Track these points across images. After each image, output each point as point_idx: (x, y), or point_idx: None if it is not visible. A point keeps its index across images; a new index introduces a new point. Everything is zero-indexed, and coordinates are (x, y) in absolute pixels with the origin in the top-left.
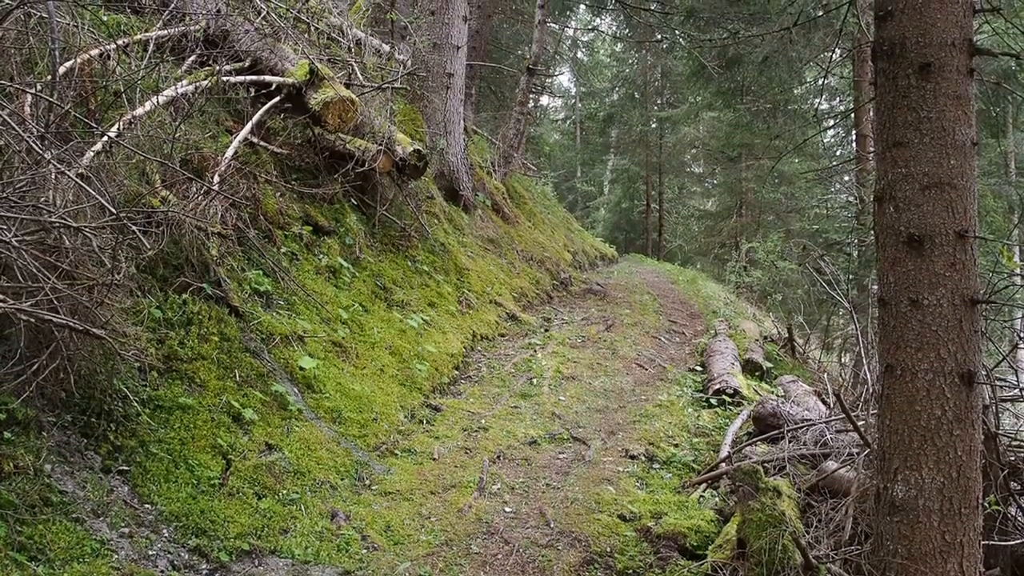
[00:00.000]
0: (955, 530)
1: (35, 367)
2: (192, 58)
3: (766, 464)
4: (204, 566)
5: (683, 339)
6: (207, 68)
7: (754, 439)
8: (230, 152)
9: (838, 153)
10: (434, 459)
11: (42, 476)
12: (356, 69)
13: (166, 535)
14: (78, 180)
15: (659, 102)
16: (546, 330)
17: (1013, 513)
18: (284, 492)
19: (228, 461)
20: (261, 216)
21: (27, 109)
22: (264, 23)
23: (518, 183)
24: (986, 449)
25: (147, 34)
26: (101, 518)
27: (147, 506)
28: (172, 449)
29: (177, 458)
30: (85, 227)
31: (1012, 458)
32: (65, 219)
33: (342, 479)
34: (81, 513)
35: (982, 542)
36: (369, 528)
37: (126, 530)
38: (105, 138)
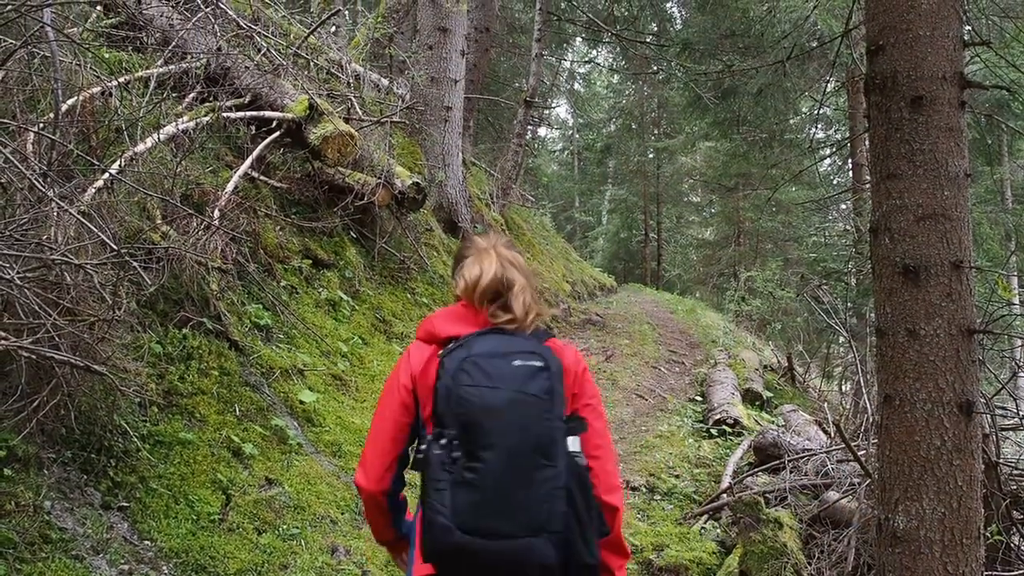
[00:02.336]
0: (957, 561)
1: (36, 404)
2: (193, 95)
3: (767, 495)
4: None
5: (683, 369)
6: (208, 104)
7: (755, 469)
8: (230, 187)
9: (835, 182)
10: None
11: (42, 513)
12: (355, 103)
13: (166, 572)
14: (80, 217)
15: (656, 132)
16: None
17: (1016, 543)
18: (284, 527)
19: (228, 496)
20: (261, 250)
21: (30, 147)
22: (264, 60)
23: (516, 214)
24: (987, 479)
25: (148, 71)
26: (101, 555)
27: (147, 543)
28: (172, 485)
29: (177, 494)
30: (86, 264)
31: (1014, 487)
32: (67, 256)
33: (342, 513)
34: (81, 550)
35: (985, 573)
36: (370, 563)
37: (126, 567)
38: (107, 175)
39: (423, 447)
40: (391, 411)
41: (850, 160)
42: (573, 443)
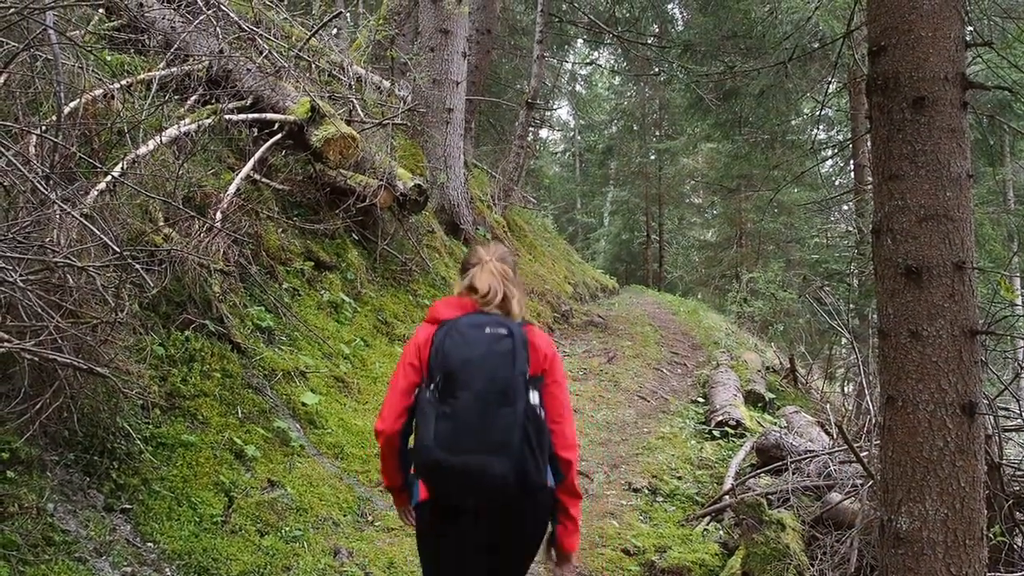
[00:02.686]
0: (960, 562)
1: (38, 406)
2: (195, 97)
3: (770, 496)
4: None
5: (685, 370)
6: (209, 107)
7: (757, 471)
8: (232, 189)
9: (837, 183)
10: None
11: (45, 515)
12: (357, 106)
13: (168, 574)
14: (82, 219)
15: (658, 134)
16: None
17: (1019, 544)
18: (286, 529)
19: (230, 498)
20: (263, 252)
21: (32, 149)
22: (266, 62)
23: (518, 216)
24: (990, 480)
25: (150, 74)
26: (104, 557)
27: (149, 545)
28: (175, 487)
29: (180, 496)
30: (89, 266)
31: (1016, 488)
32: (69, 258)
33: (345, 515)
34: (84, 553)
35: (988, 574)
36: (372, 565)
37: (129, 569)
38: (109, 177)
39: (417, 394)
40: (403, 371)
41: (852, 161)
42: (534, 397)
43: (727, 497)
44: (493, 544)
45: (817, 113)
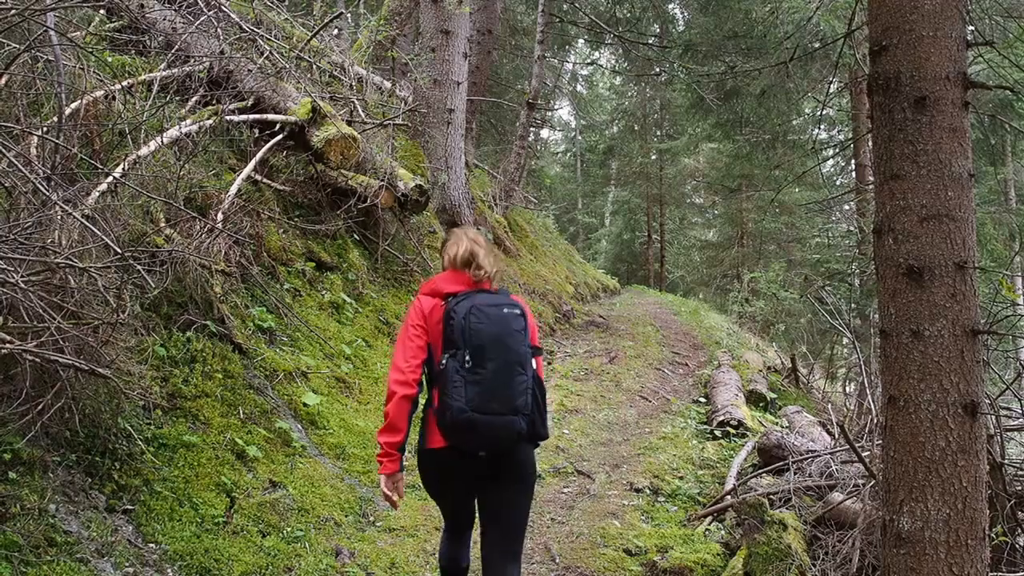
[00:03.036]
0: (962, 562)
1: (40, 407)
2: (196, 98)
3: (771, 496)
4: None
5: (686, 370)
6: (211, 107)
7: (759, 471)
8: (233, 190)
9: (838, 183)
10: None
11: (47, 516)
12: (358, 106)
13: (170, 574)
14: (84, 220)
15: (659, 134)
16: (549, 363)
17: (1021, 544)
18: (288, 529)
19: (232, 499)
20: (264, 253)
21: (33, 151)
22: (267, 63)
23: (519, 216)
24: (992, 479)
25: (151, 75)
26: (105, 558)
27: (151, 545)
28: (176, 487)
29: (181, 496)
30: (90, 267)
31: (1019, 487)
32: (71, 259)
33: (346, 516)
34: (85, 553)
35: (990, 574)
36: (373, 565)
37: (130, 570)
38: (110, 178)
39: (442, 362)
40: (413, 333)
41: (853, 161)
42: (534, 363)
43: (729, 497)
44: (494, 475)
45: (818, 113)
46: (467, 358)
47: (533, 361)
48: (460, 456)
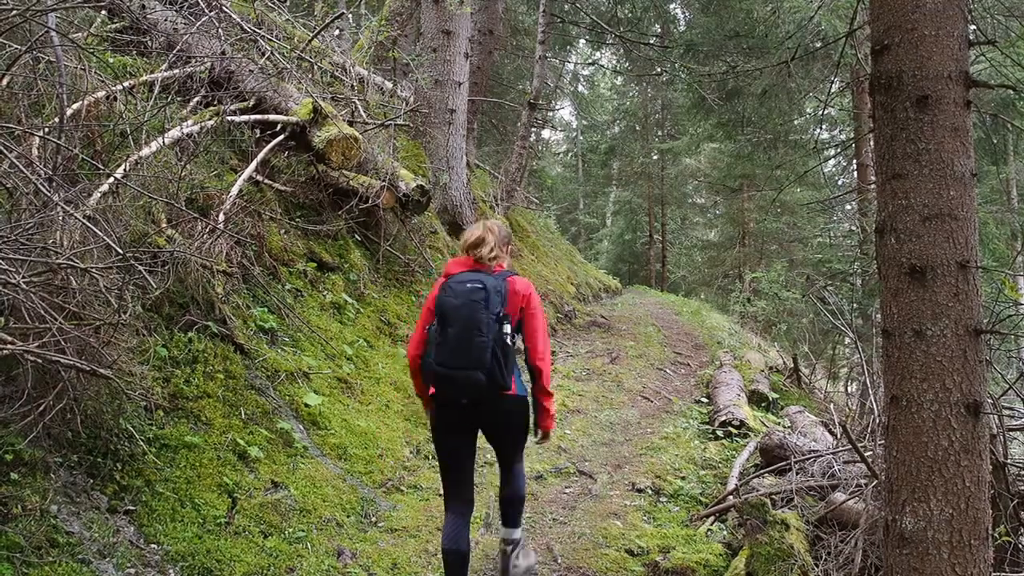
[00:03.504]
0: (965, 562)
1: (42, 408)
2: (197, 98)
3: (774, 496)
4: None
5: (688, 371)
6: (212, 108)
7: (761, 471)
8: (235, 190)
9: (840, 182)
10: (440, 495)
11: (48, 517)
12: (359, 106)
13: (172, 575)
14: (85, 221)
15: (660, 134)
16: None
17: None
18: (290, 530)
19: (234, 499)
20: (266, 253)
21: (35, 151)
22: (268, 63)
23: (521, 216)
24: (995, 479)
25: (153, 75)
26: (107, 559)
27: (153, 546)
28: (178, 488)
29: (183, 497)
30: (92, 268)
31: (1022, 487)
32: (72, 260)
33: (348, 516)
34: (87, 554)
35: (993, 574)
36: (375, 566)
37: (132, 571)
38: (112, 179)
39: (428, 329)
40: (424, 315)
41: (855, 160)
42: (506, 328)
43: (731, 497)
44: (477, 425)
45: (820, 112)
46: (436, 325)
47: (506, 326)
48: (450, 404)
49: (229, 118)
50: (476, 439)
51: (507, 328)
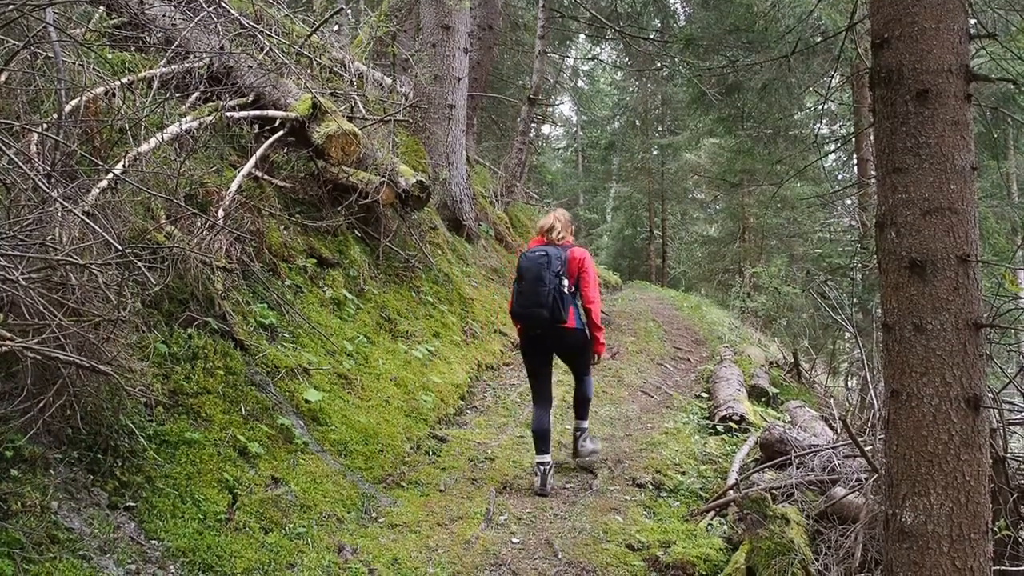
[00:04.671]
0: (965, 556)
1: (42, 404)
2: (196, 94)
3: (774, 491)
4: None
5: (688, 366)
6: (211, 104)
7: (761, 466)
8: (234, 186)
9: (840, 177)
10: (440, 490)
11: (49, 513)
12: (358, 102)
13: (173, 571)
14: (84, 217)
15: (660, 129)
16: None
17: None
18: (291, 526)
19: (234, 495)
20: (265, 250)
21: (33, 148)
22: (267, 59)
23: (521, 212)
24: (995, 473)
25: (151, 71)
26: (108, 555)
27: (153, 542)
28: (178, 484)
29: (183, 493)
30: (91, 264)
31: (1022, 481)
32: (71, 256)
33: (349, 512)
34: (88, 550)
35: (993, 568)
36: (376, 561)
37: (133, 567)
38: (111, 175)
39: (514, 285)
40: (514, 277)
41: (855, 155)
42: (564, 282)
43: (731, 492)
44: (549, 349)
45: (820, 107)
46: (516, 279)
47: (564, 280)
48: (528, 334)
49: (228, 114)
50: (551, 360)
51: (565, 282)
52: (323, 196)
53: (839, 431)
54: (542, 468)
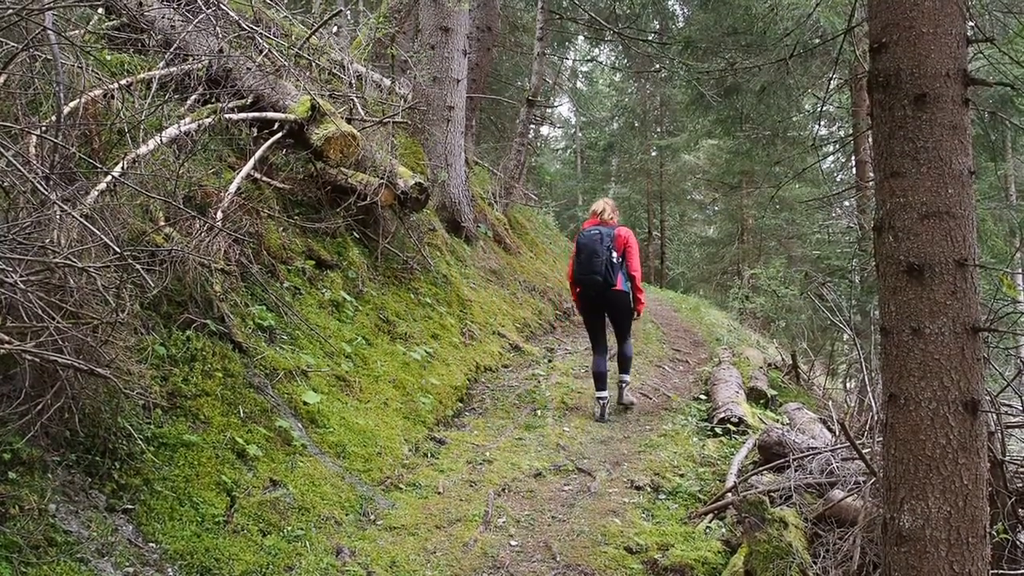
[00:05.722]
0: (963, 560)
1: (40, 406)
2: (195, 96)
3: (772, 493)
4: None
5: (687, 367)
6: (210, 106)
7: (760, 468)
8: (233, 188)
9: (838, 179)
10: (439, 493)
11: (47, 516)
12: (357, 104)
13: (170, 574)
14: (83, 220)
15: (659, 130)
16: (549, 360)
17: (1022, 541)
18: (289, 528)
19: (232, 498)
20: (264, 251)
21: (32, 150)
22: (266, 61)
23: (519, 213)
24: (992, 477)
25: (150, 73)
26: (106, 558)
27: (151, 545)
28: (176, 487)
29: (182, 496)
30: (90, 266)
31: (1019, 485)
32: (70, 259)
33: (347, 514)
34: (86, 553)
35: (991, 571)
36: (374, 564)
37: (131, 570)
38: (109, 177)
39: (574, 256)
40: (572, 252)
41: (853, 157)
42: (613, 255)
43: (729, 495)
44: (602, 309)
45: (818, 109)
46: (575, 252)
47: (613, 253)
48: (585, 296)
49: (227, 116)
50: (604, 316)
51: (614, 255)
52: (322, 198)
53: (837, 434)
54: (601, 402)
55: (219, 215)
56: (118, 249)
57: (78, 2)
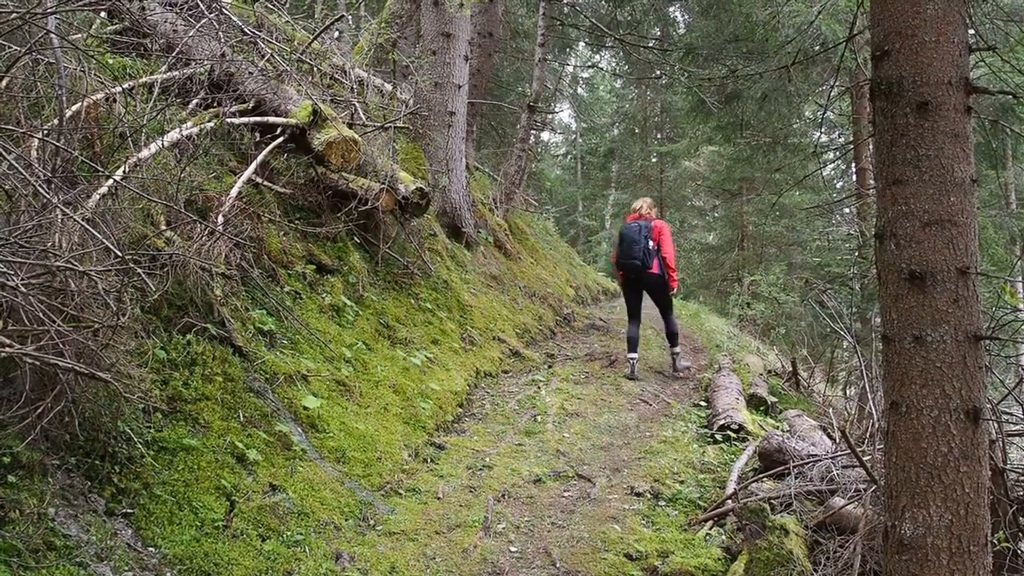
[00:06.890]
0: (965, 568)
1: (40, 410)
2: (197, 100)
3: (772, 501)
4: None
5: (687, 373)
6: (212, 110)
7: (760, 475)
8: (234, 192)
9: (839, 186)
10: (438, 498)
11: (46, 520)
12: (359, 109)
13: None
14: (84, 223)
15: (659, 137)
16: (549, 366)
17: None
18: (288, 533)
19: (232, 502)
20: (265, 255)
21: (34, 153)
22: (268, 65)
23: (520, 219)
24: (994, 485)
25: (152, 77)
26: (105, 562)
27: (151, 549)
28: (176, 491)
29: (181, 500)
30: (91, 270)
31: (1021, 493)
32: (71, 262)
33: (346, 520)
34: (85, 557)
35: None
36: (374, 570)
37: (130, 574)
38: (111, 181)
39: (618, 244)
40: (616, 240)
41: (854, 164)
42: (650, 243)
43: (729, 502)
44: (641, 288)
45: (819, 116)
46: (619, 241)
47: (650, 242)
48: (626, 277)
49: (228, 120)
50: (642, 294)
51: (650, 243)
52: (323, 202)
53: (838, 441)
54: (631, 361)
55: (220, 219)
56: (119, 253)
57: (81, 6)
